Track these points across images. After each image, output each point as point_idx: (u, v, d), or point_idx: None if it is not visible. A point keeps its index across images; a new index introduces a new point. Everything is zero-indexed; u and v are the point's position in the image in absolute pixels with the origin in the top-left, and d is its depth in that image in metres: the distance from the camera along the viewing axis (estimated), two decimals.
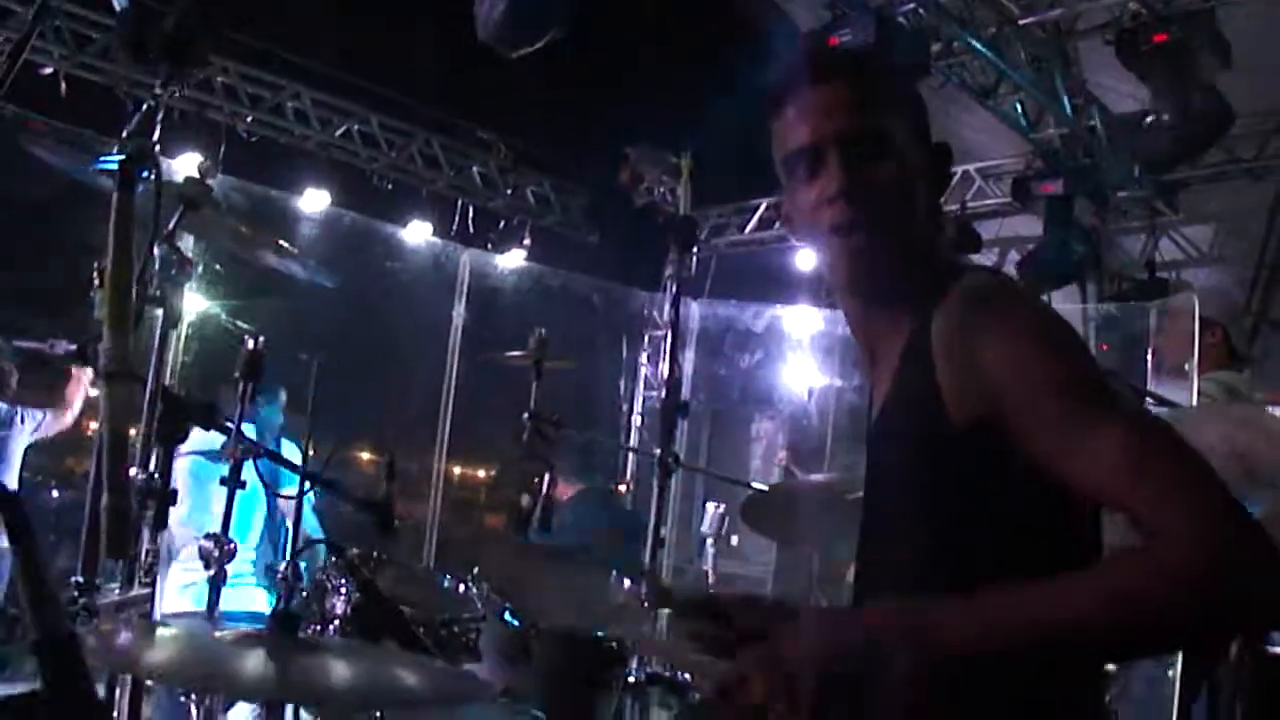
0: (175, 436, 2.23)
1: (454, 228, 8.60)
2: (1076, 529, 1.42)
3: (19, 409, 5.38)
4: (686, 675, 2.39)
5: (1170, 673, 3.11)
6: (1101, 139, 6.04)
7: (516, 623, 2.57)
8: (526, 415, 3.16)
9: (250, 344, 2.47)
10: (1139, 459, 1.26)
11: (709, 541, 4.36)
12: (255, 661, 1.40)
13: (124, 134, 1.35)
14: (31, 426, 5.46)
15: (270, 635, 1.52)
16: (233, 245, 2.28)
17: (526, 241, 8.76)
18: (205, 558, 2.44)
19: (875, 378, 1.67)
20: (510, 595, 2.65)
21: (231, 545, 2.44)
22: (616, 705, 2.75)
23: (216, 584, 2.39)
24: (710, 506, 4.37)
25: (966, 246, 6.70)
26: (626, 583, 2.93)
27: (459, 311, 8.40)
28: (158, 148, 1.39)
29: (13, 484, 5.29)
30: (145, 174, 1.35)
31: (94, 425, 5.66)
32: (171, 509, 2.06)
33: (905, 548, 1.53)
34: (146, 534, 2.10)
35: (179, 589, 4.12)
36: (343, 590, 2.35)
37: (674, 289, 3.54)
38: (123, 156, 1.31)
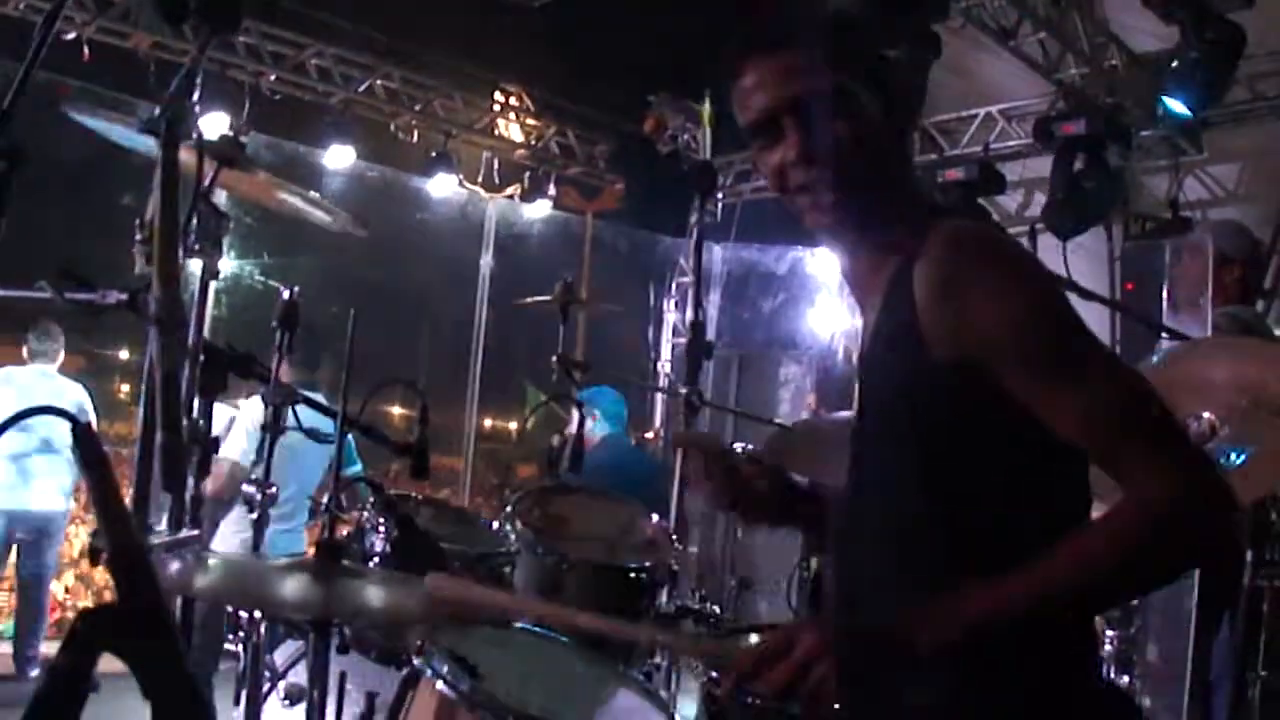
0: (215, 386, 2.34)
1: (479, 178, 8.66)
2: (1058, 458, 1.50)
3: None
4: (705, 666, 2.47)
5: (1187, 604, 3.18)
6: (1124, 78, 6.02)
7: (548, 557, 2.66)
8: (555, 358, 3.25)
9: (286, 294, 2.56)
10: (1117, 414, 1.42)
11: None
12: (300, 584, 1.50)
13: (167, 95, 1.42)
14: None
15: (315, 562, 1.62)
16: (264, 200, 2.35)
17: (552, 191, 8.81)
18: (249, 501, 2.55)
19: (864, 320, 1.75)
20: (541, 531, 2.75)
21: (274, 490, 2.55)
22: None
23: (260, 526, 2.50)
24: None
25: (990, 188, 6.71)
26: (655, 518, 3.03)
27: (486, 261, 8.49)
28: (197, 108, 1.46)
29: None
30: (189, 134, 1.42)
31: None
32: None
33: (889, 480, 1.62)
34: (191, 481, 2.20)
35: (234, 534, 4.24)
36: (382, 529, 2.45)
37: (696, 234, 3.61)
38: (167, 116, 1.39)
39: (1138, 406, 1.42)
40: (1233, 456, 2.50)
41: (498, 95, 8.66)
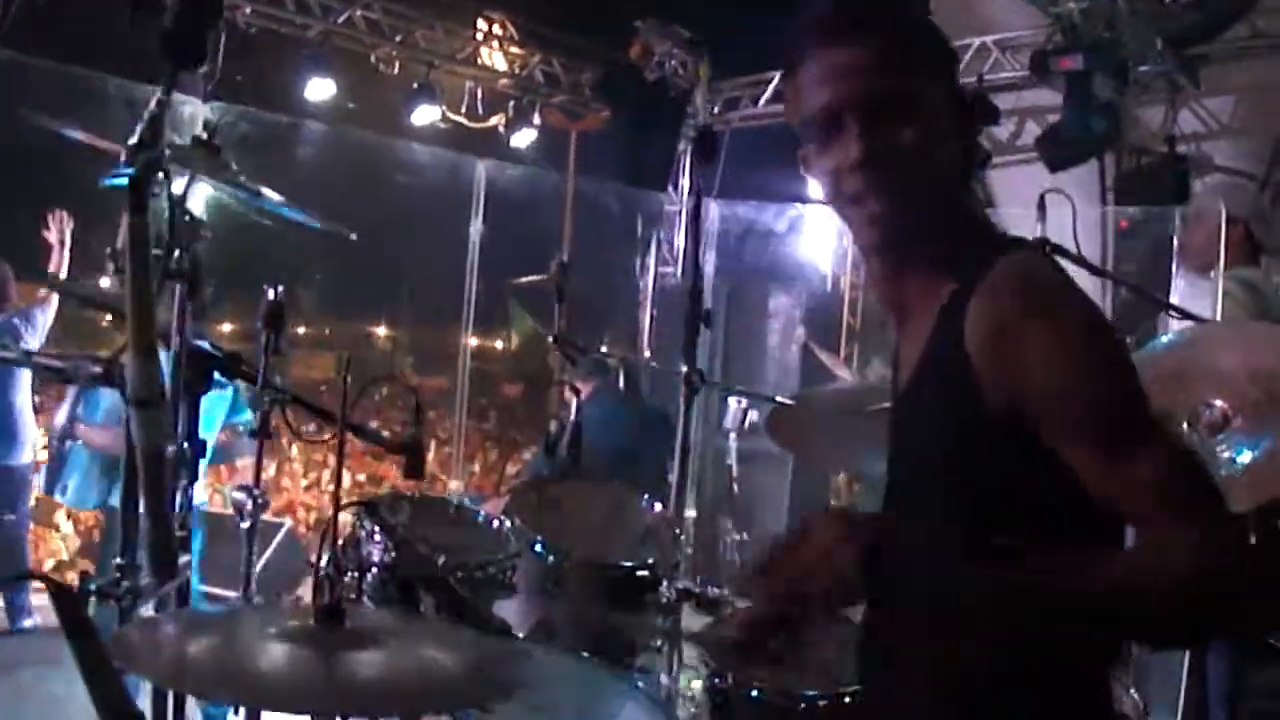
0: (198, 386, 2.26)
1: (463, 109, 8.48)
2: (1100, 521, 1.42)
3: (15, 319, 5.38)
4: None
5: None
6: (1122, 12, 5.89)
7: (549, 557, 2.61)
8: (551, 339, 3.17)
9: (270, 294, 2.47)
10: (1165, 489, 1.32)
11: (732, 436, 4.37)
12: (295, 663, 1.43)
13: (131, 144, 1.32)
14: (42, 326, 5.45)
15: (313, 630, 1.54)
16: (243, 207, 2.24)
17: (537, 120, 8.64)
18: (239, 509, 2.49)
19: (903, 339, 1.66)
20: (541, 528, 2.70)
21: (264, 498, 2.49)
22: (649, 626, 2.83)
23: (250, 537, 2.44)
24: (732, 402, 4.37)
25: (984, 118, 6.60)
26: (657, 506, 2.98)
27: (476, 228, 8.37)
28: (167, 153, 1.35)
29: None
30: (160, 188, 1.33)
31: None
32: None
33: (929, 525, 1.55)
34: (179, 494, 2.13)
35: None
36: (377, 537, 2.39)
37: (691, 202, 3.50)
38: (132, 173, 1.29)
39: (1186, 482, 1.34)
40: (1240, 456, 2.47)
41: (480, 24, 8.44)
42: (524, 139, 8.53)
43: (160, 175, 1.34)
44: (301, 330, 21.35)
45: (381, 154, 8.23)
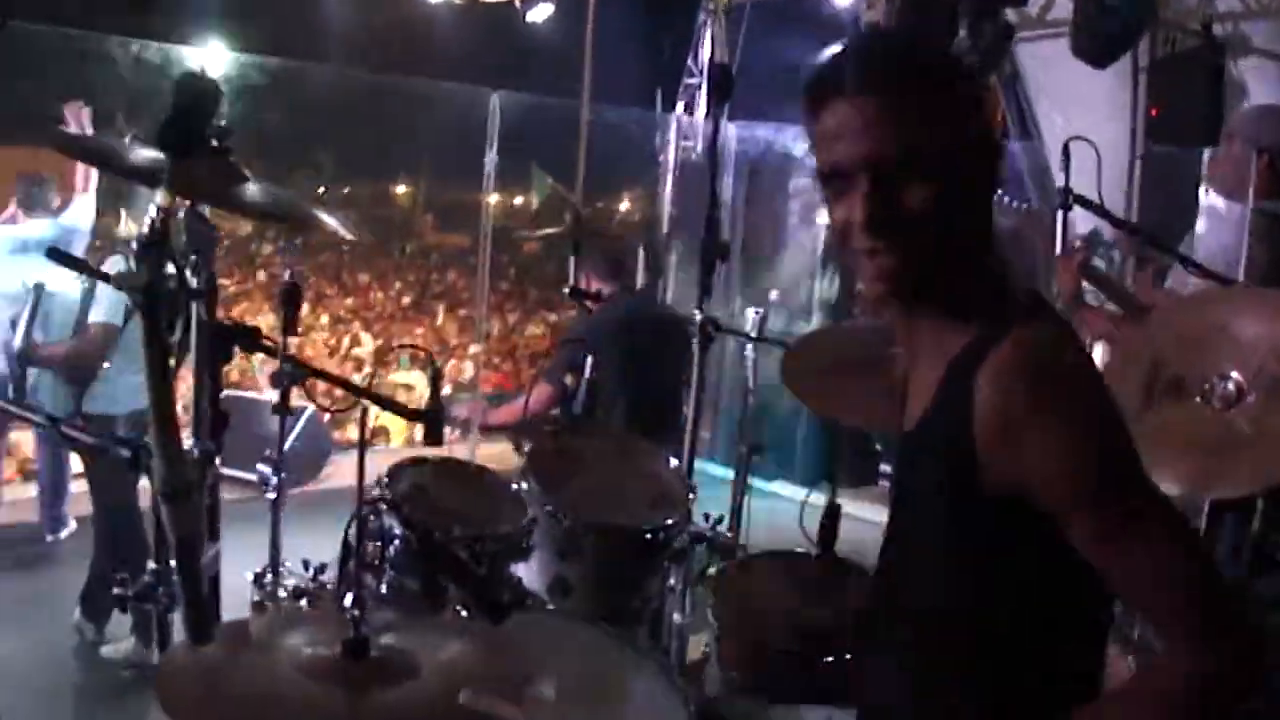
0: (219, 360, 2.30)
1: None
2: (1092, 595, 1.47)
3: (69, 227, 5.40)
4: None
5: None
6: None
7: (565, 522, 2.67)
8: (568, 290, 3.17)
9: (286, 275, 2.49)
10: (1165, 576, 1.36)
11: (749, 347, 4.36)
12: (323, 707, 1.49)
13: (139, 250, 1.32)
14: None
15: (339, 666, 1.61)
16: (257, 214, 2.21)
17: None
18: (263, 482, 2.55)
19: (912, 372, 1.67)
20: (556, 490, 2.75)
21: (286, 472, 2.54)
22: (663, 581, 2.91)
23: (276, 514, 2.50)
24: (750, 312, 4.35)
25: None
26: (673, 462, 3.02)
27: (491, 158, 8.27)
28: (178, 256, 1.36)
29: None
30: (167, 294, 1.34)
31: None
32: None
33: (920, 584, 1.60)
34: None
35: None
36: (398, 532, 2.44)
37: (709, 128, 3.43)
38: (145, 280, 1.30)
39: (1187, 570, 1.37)
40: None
41: None
42: (540, 13, 8.35)
43: (172, 271, 1.34)
44: (322, 190, 21.28)
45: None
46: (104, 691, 4.52)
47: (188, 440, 2.12)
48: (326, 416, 9.85)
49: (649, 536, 2.76)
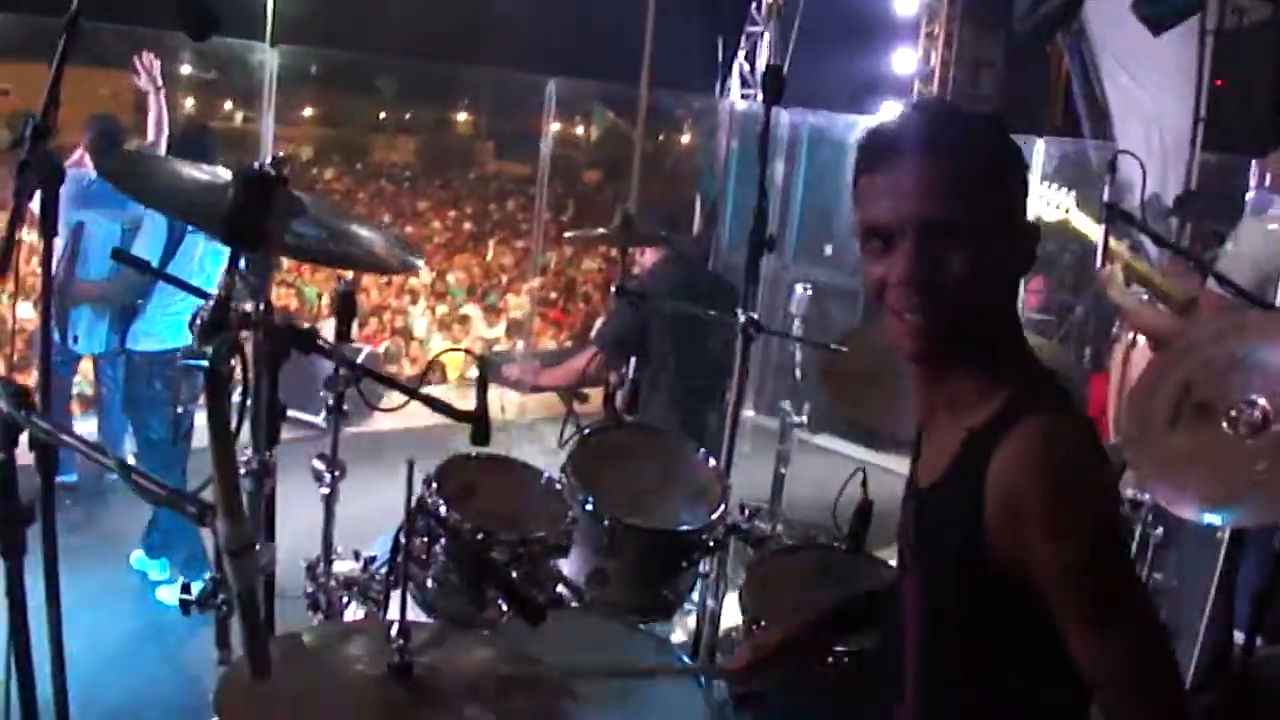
0: (277, 360, 2.41)
1: None
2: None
3: None
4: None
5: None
6: None
7: (603, 521, 2.79)
8: (614, 288, 3.25)
9: (342, 284, 2.59)
10: (1132, 682, 1.47)
11: (796, 323, 4.40)
12: None
13: (202, 330, 1.43)
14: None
15: (385, 689, 1.74)
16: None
17: None
18: (318, 478, 2.67)
19: (927, 432, 1.76)
20: (595, 488, 2.87)
21: (343, 465, 2.66)
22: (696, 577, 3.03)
23: (330, 508, 2.64)
24: (799, 289, 4.39)
25: None
26: (710, 462, 3.12)
27: (546, 143, 8.30)
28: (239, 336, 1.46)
29: None
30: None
31: None
32: None
33: (924, 642, 1.71)
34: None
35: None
36: (442, 511, 2.57)
37: (761, 131, 3.47)
38: (208, 362, 1.40)
39: (1151, 678, 1.48)
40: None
41: None
42: None
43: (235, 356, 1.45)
44: (382, 115, 21.34)
45: None
46: (161, 631, 4.71)
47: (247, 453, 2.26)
48: (383, 351, 10.05)
49: (685, 536, 2.87)
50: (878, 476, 3.04)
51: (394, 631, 1.78)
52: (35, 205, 2.02)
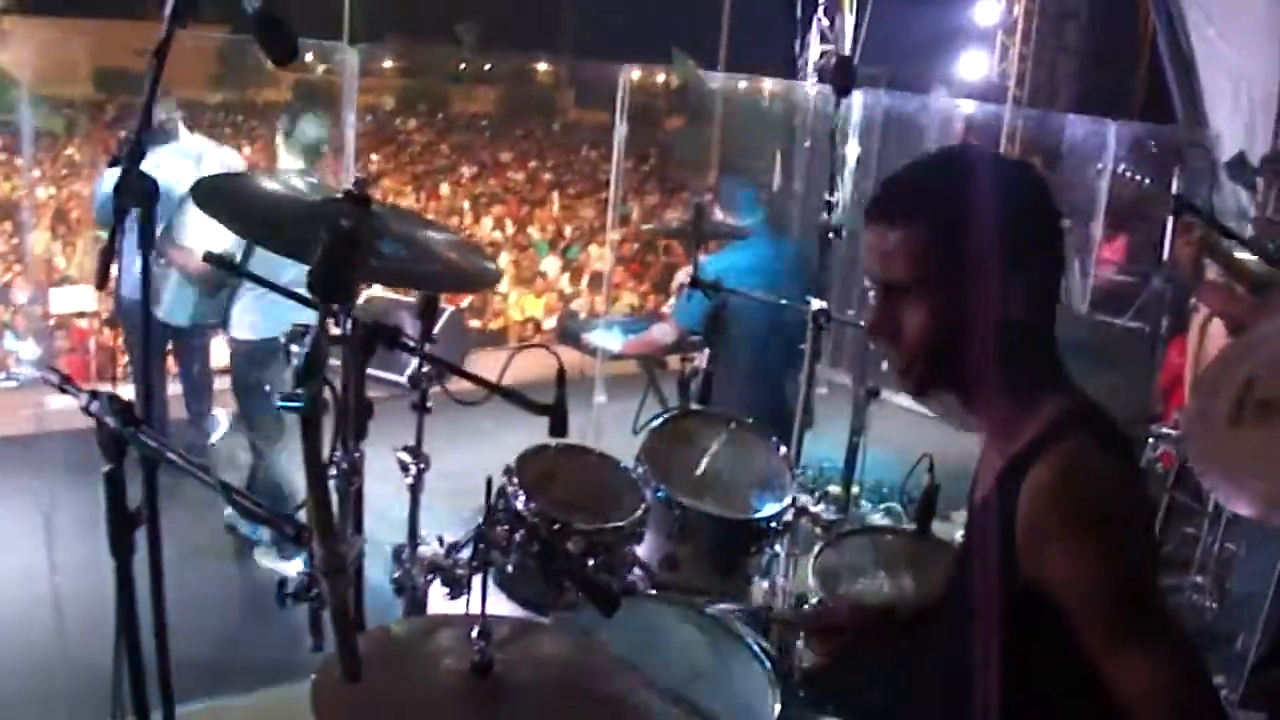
0: (365, 357, 2.55)
1: None
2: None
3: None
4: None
5: None
6: None
7: (676, 510, 2.91)
8: (688, 279, 3.34)
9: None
10: (1158, 697, 1.53)
11: (871, 294, 4.43)
12: None
13: (297, 374, 1.56)
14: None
15: (466, 685, 1.88)
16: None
17: None
18: (403, 467, 2.81)
19: (984, 453, 1.85)
20: (669, 476, 2.98)
21: (427, 457, 2.80)
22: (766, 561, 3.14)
23: (415, 497, 2.77)
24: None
25: None
26: (780, 450, 3.22)
27: (620, 132, 8.32)
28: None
29: None
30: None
31: None
32: None
33: (965, 653, 1.78)
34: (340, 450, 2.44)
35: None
36: (519, 503, 2.70)
37: (829, 124, 3.53)
38: (304, 405, 1.53)
39: (1178, 697, 1.54)
40: None
41: None
42: None
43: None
44: (463, 66, 21.50)
45: None
46: (257, 590, 4.95)
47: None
48: (465, 306, 10.21)
49: (754, 523, 2.98)
50: (952, 440, 3.10)
51: (475, 633, 1.91)
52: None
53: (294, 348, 1.83)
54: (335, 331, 2.22)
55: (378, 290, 7.60)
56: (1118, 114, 8.04)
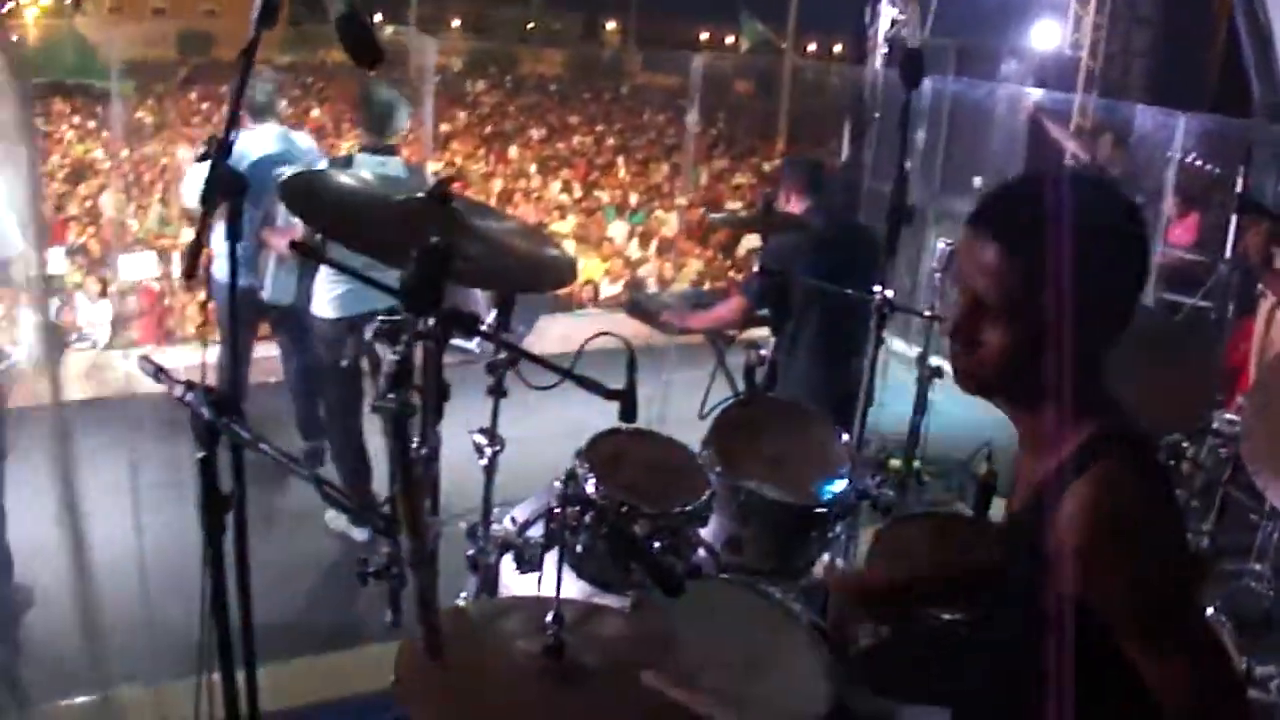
0: (442, 343, 2.65)
1: None
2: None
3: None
4: None
5: None
6: None
7: (740, 496, 3.00)
8: (757, 269, 3.41)
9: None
10: (1192, 700, 1.61)
11: (938, 277, 4.42)
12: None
13: (387, 383, 1.67)
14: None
15: (540, 669, 2.00)
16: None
17: None
18: (479, 450, 2.93)
19: (1023, 462, 1.90)
20: (733, 462, 3.08)
21: (502, 440, 2.91)
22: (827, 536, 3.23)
23: (490, 478, 2.89)
24: (940, 244, 4.41)
25: None
26: (843, 436, 3.30)
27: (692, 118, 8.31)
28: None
29: None
30: None
31: None
32: None
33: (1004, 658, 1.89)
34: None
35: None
36: (589, 486, 2.80)
37: (901, 113, 3.55)
38: (396, 411, 1.65)
39: (1208, 701, 1.62)
40: None
41: None
42: None
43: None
44: (530, 25, 21.50)
45: None
46: (332, 553, 5.05)
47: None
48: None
49: (815, 508, 3.07)
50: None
51: (549, 616, 2.03)
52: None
53: (381, 349, 1.91)
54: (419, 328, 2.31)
55: None
56: (1189, 94, 7.91)
